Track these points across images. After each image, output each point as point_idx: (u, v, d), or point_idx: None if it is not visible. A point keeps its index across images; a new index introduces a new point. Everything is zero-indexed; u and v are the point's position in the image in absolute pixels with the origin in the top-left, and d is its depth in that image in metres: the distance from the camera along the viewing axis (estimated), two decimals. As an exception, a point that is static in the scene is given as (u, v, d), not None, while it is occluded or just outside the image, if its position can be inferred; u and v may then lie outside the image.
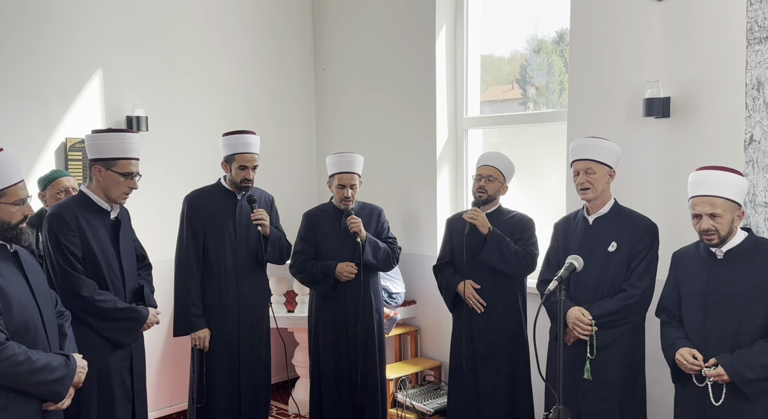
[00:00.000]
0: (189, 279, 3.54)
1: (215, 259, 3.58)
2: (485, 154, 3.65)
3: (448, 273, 3.68)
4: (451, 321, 3.75)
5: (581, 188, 3.06)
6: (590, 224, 3.10)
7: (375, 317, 3.83)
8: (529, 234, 3.55)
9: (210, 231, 3.59)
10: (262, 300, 3.74)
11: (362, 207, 3.90)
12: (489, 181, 3.54)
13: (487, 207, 3.59)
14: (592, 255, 3.03)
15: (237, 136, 3.59)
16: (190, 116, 4.87)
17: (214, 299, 3.60)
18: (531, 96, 4.72)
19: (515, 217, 3.59)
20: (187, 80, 4.86)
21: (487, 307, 3.53)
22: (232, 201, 3.66)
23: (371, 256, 3.75)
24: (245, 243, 3.64)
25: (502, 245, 3.43)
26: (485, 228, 3.45)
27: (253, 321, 3.68)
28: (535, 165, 4.49)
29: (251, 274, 3.67)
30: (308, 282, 3.85)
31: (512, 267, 3.46)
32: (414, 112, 4.87)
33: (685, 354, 2.65)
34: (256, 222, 3.58)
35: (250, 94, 5.20)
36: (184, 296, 3.54)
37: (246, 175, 3.57)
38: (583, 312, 3.00)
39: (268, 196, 3.83)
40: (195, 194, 3.67)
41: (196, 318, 3.54)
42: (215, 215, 3.60)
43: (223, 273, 3.59)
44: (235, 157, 3.56)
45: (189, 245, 3.56)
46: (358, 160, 3.80)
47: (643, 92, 3.52)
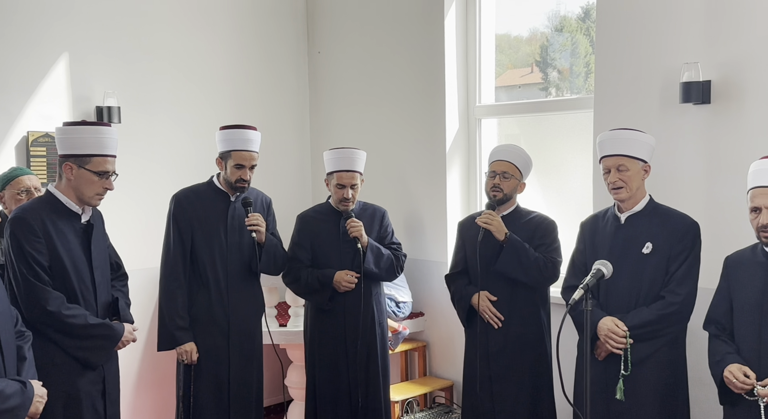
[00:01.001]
0: (175, 288, 3.55)
1: (204, 267, 3.59)
2: (498, 148, 3.64)
3: (461, 283, 3.67)
4: (464, 335, 3.75)
5: (613, 187, 3.05)
6: (622, 223, 3.10)
7: (378, 332, 3.83)
8: (551, 238, 3.53)
9: (199, 235, 3.59)
10: (254, 313, 3.74)
11: (363, 208, 3.90)
12: (504, 178, 3.52)
13: (503, 208, 3.58)
14: (624, 258, 3.03)
15: (236, 131, 3.59)
16: (168, 106, 4.88)
17: (202, 311, 3.60)
18: (553, 80, 4.72)
19: (535, 219, 3.58)
20: (164, 65, 4.86)
21: (505, 321, 3.52)
22: (224, 202, 3.66)
23: (373, 264, 3.75)
24: (237, 251, 3.64)
25: (520, 253, 3.42)
26: (501, 233, 3.44)
27: (244, 336, 3.68)
28: (558, 159, 4.49)
29: (243, 285, 3.67)
30: (303, 293, 3.85)
31: (532, 276, 3.45)
32: (420, 100, 4.88)
33: (735, 372, 2.63)
34: (251, 228, 3.59)
35: (236, 81, 5.21)
36: (170, 306, 3.55)
37: (242, 175, 3.57)
38: (616, 322, 2.99)
39: (265, 198, 3.84)
40: (183, 193, 3.67)
41: (181, 331, 3.55)
42: (205, 217, 3.61)
43: (212, 283, 3.60)
44: (232, 154, 3.57)
45: (176, 249, 3.57)
46: (360, 156, 3.80)
47: (680, 75, 3.51)
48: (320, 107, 5.56)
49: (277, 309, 4.95)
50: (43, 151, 4.33)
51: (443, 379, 4.85)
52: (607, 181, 3.07)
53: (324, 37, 5.49)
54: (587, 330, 2.61)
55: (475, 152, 4.80)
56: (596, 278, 2.70)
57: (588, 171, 4.17)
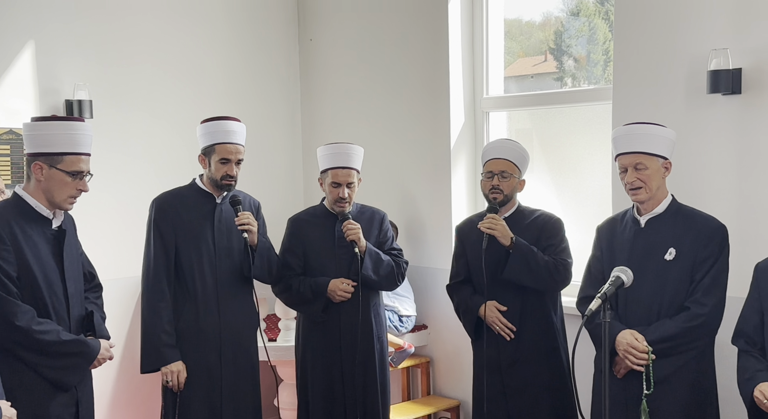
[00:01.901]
0: (158, 301, 3.54)
1: (190, 276, 3.60)
2: (491, 146, 3.66)
3: (465, 293, 3.69)
4: (470, 347, 3.77)
5: (631, 188, 3.07)
6: (642, 226, 3.11)
7: (376, 346, 3.85)
8: (558, 238, 3.56)
9: (183, 241, 3.60)
10: (248, 326, 3.75)
11: (361, 211, 3.91)
12: (503, 177, 3.55)
13: (504, 209, 3.61)
14: (645, 265, 3.04)
15: (218, 123, 3.60)
16: (145, 99, 4.89)
17: (190, 325, 3.60)
18: (568, 69, 4.74)
19: (540, 219, 3.61)
20: (141, 55, 4.88)
21: (516, 332, 3.56)
22: (209, 204, 3.67)
23: (372, 271, 3.76)
24: (227, 256, 3.65)
25: (529, 257, 3.44)
26: (507, 238, 3.46)
27: (238, 352, 3.68)
28: (574, 156, 4.51)
29: (235, 294, 3.68)
30: (294, 304, 3.87)
31: (543, 282, 3.48)
32: (422, 92, 4.89)
33: (765, 391, 2.65)
34: (242, 227, 3.59)
35: (220, 72, 5.23)
36: (153, 322, 3.54)
37: (228, 171, 3.58)
38: (636, 336, 3.00)
39: (253, 201, 3.85)
40: (164, 197, 3.68)
41: (167, 349, 3.54)
42: (189, 221, 3.62)
43: (200, 294, 3.60)
44: (216, 149, 3.58)
45: (158, 259, 3.56)
46: (357, 152, 3.81)
47: (708, 63, 3.52)
48: (312, 100, 5.56)
49: (267, 322, 4.97)
50: (6, 150, 4.35)
51: (449, 398, 4.87)
52: (624, 180, 3.08)
53: (316, 22, 5.49)
54: (606, 344, 2.62)
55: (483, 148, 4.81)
56: (615, 286, 2.71)
57: (607, 169, 4.18)
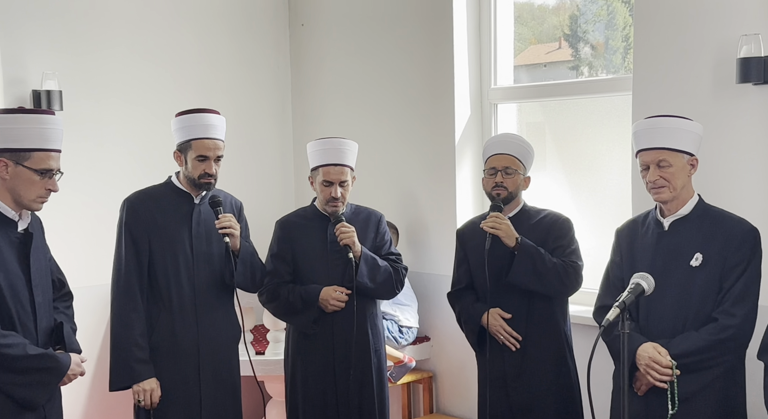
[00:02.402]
0: (130, 312, 3.52)
1: (165, 284, 3.58)
2: (494, 140, 3.68)
3: (468, 301, 3.69)
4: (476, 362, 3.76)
5: (653, 187, 3.06)
6: (666, 229, 3.10)
7: (373, 360, 3.84)
8: (567, 239, 3.57)
9: (158, 245, 3.58)
10: (229, 338, 3.74)
11: (356, 212, 3.90)
12: (506, 174, 3.57)
13: (508, 209, 3.62)
14: (669, 272, 3.03)
15: (194, 116, 3.58)
16: (120, 90, 4.88)
17: (165, 338, 3.58)
18: (585, 57, 4.73)
19: (547, 218, 3.62)
20: (116, 41, 4.87)
21: (522, 341, 3.56)
22: (187, 205, 3.65)
23: (368, 278, 3.75)
24: (206, 262, 3.64)
25: (535, 259, 3.45)
26: (512, 238, 3.46)
27: (218, 367, 3.67)
28: (591, 151, 4.50)
29: (215, 303, 3.66)
30: (283, 314, 3.86)
31: (552, 286, 3.49)
32: (424, 82, 4.88)
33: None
34: (223, 231, 3.57)
35: (203, 60, 5.21)
36: (124, 334, 3.51)
37: (207, 168, 3.56)
38: (659, 349, 2.98)
39: (235, 201, 3.83)
40: (136, 196, 3.66)
41: (140, 365, 3.51)
42: (164, 224, 3.60)
43: (176, 303, 3.58)
44: (192, 145, 3.56)
45: (129, 265, 3.54)
46: (351, 147, 3.80)
47: (738, 50, 3.51)
48: (304, 91, 5.55)
49: (254, 333, 4.96)
50: (-31, 145, 4.33)
51: (454, 417, 4.86)
52: (646, 179, 3.07)
53: (308, 6, 5.48)
54: (625, 358, 2.60)
55: (491, 144, 4.81)
56: (635, 294, 2.70)
57: (626, 166, 4.17)
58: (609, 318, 2.62)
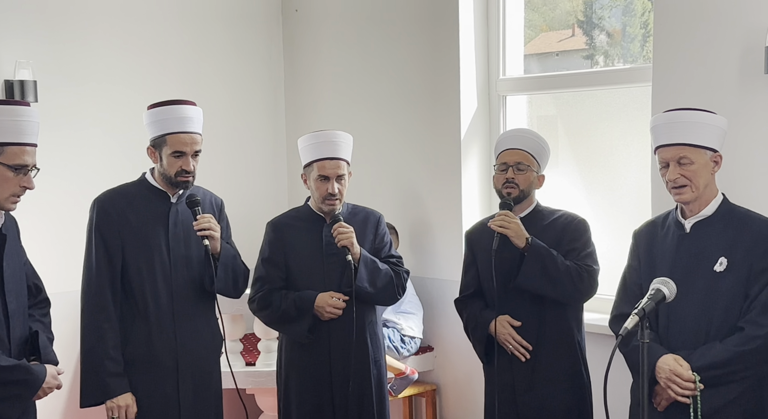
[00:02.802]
0: (102, 322, 3.51)
1: (140, 291, 3.57)
2: (507, 135, 3.71)
3: (476, 308, 3.69)
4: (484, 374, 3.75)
5: (674, 186, 3.04)
6: (687, 231, 3.09)
7: (373, 372, 3.83)
8: (583, 241, 3.57)
9: (131, 249, 3.57)
10: (210, 348, 3.73)
11: (353, 212, 3.90)
12: (518, 170, 3.58)
13: (520, 208, 3.63)
14: (691, 278, 3.02)
15: (168, 109, 3.58)
16: (100, 81, 4.87)
17: (141, 350, 3.57)
18: (600, 46, 4.72)
19: (561, 219, 3.62)
20: (96, 28, 4.85)
21: (533, 351, 3.56)
22: (163, 205, 3.64)
23: (367, 282, 3.74)
24: (185, 266, 3.63)
25: (547, 261, 3.45)
26: (521, 238, 3.47)
27: (198, 380, 3.66)
28: (607, 147, 4.49)
29: (194, 311, 3.66)
30: (275, 323, 3.85)
31: (564, 290, 3.49)
32: (427, 72, 4.87)
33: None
34: (202, 233, 3.57)
35: (189, 48, 5.21)
36: (96, 346, 3.50)
37: (184, 165, 3.55)
38: (680, 362, 2.97)
39: (215, 198, 3.83)
40: (108, 196, 3.64)
41: (113, 379, 3.50)
42: (139, 226, 3.58)
43: (153, 312, 3.57)
44: (167, 140, 3.55)
45: (101, 271, 3.53)
46: (346, 140, 3.81)
47: (766, 38, 3.50)
48: (298, 82, 5.55)
49: (244, 343, 4.96)
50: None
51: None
52: (666, 177, 3.06)
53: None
54: (645, 370, 2.59)
55: (499, 138, 4.80)
56: (655, 301, 2.69)
57: (645, 163, 4.17)
58: (627, 327, 2.62)
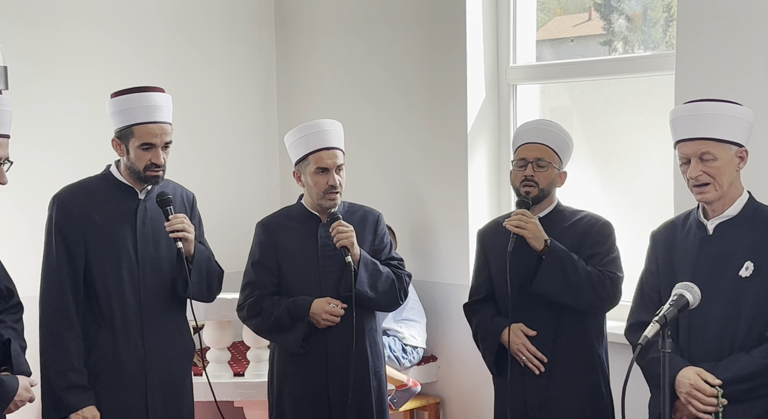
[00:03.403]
0: (63, 330, 3.48)
1: (105, 296, 3.55)
2: (527, 128, 3.69)
3: (486, 314, 3.69)
4: (492, 385, 3.76)
5: (696, 184, 3.04)
6: (710, 233, 3.10)
7: (373, 384, 3.84)
8: (607, 246, 3.56)
9: (96, 250, 3.54)
10: (182, 358, 3.73)
11: (350, 210, 3.90)
12: (539, 167, 3.56)
13: (539, 207, 3.61)
14: (714, 283, 3.01)
15: (134, 97, 3.54)
16: (75, 65, 4.88)
17: (106, 360, 3.55)
18: (619, 31, 4.71)
19: (584, 221, 3.62)
20: (70, 9, 4.86)
21: (549, 364, 3.55)
22: (130, 202, 3.62)
23: (368, 286, 3.74)
24: (154, 269, 3.62)
25: (566, 265, 3.45)
26: (539, 240, 3.47)
27: (168, 392, 3.65)
28: (626, 141, 4.50)
29: (165, 318, 3.65)
30: (267, 332, 3.86)
31: (584, 298, 3.48)
32: (430, 60, 4.87)
33: None
34: (175, 235, 3.56)
35: (171, 32, 5.21)
36: (57, 356, 3.47)
37: (153, 158, 3.52)
38: (702, 375, 2.98)
39: (186, 193, 3.81)
40: (69, 192, 3.61)
41: (76, 392, 3.48)
42: (104, 225, 3.56)
43: (119, 318, 3.56)
44: (135, 131, 3.51)
45: (61, 274, 3.51)
46: (337, 128, 3.81)
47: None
48: (291, 69, 5.56)
49: (232, 351, 4.95)
50: None
51: (464, 450, 4.88)
52: (687, 175, 3.06)
53: (297, -32, 5.50)
54: (666, 383, 2.60)
55: (508, 132, 4.80)
56: (678, 308, 2.69)
57: (668, 158, 4.16)
58: (647, 336, 2.61)
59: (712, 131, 3.02)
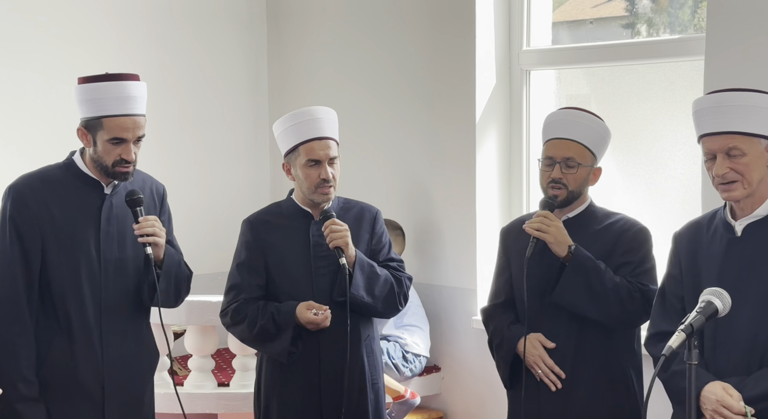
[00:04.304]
0: (15, 336, 3.47)
1: (61, 299, 3.53)
2: (555, 118, 3.65)
3: (503, 320, 3.68)
4: (504, 401, 3.75)
5: (722, 182, 3.02)
6: (738, 235, 3.08)
7: (370, 397, 3.84)
8: (640, 255, 3.55)
9: (54, 249, 3.53)
10: (143, 368, 3.72)
11: (346, 207, 3.90)
12: (568, 167, 3.53)
13: (568, 207, 3.61)
14: (742, 289, 2.98)
15: (106, 86, 3.50)
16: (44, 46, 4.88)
17: (60, 370, 3.54)
18: (642, 13, 4.71)
19: (618, 225, 3.60)
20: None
21: (567, 381, 3.54)
22: (94, 195, 3.60)
23: (364, 290, 3.74)
24: (117, 272, 3.60)
25: (591, 275, 3.43)
26: (563, 246, 3.46)
27: (127, 408, 3.65)
28: (650, 133, 4.50)
29: (126, 326, 3.63)
30: (252, 340, 3.85)
31: (608, 311, 3.46)
32: (437, 43, 4.87)
33: None
34: (144, 239, 3.54)
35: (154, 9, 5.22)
36: (6, 366, 3.46)
37: (124, 154, 3.49)
38: (729, 390, 2.95)
39: (156, 186, 3.80)
40: (26, 183, 3.57)
41: (26, 404, 3.47)
42: (64, 221, 3.54)
43: (76, 325, 3.54)
44: (104, 123, 3.48)
45: (14, 274, 3.49)
46: (330, 116, 3.81)
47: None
48: (284, 53, 5.57)
49: (216, 359, 4.96)
50: None
51: (470, 470, 4.89)
52: (713, 172, 3.04)
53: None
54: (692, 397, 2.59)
55: (521, 121, 4.81)
56: (705, 315, 2.68)
57: (695, 152, 4.12)
58: (672, 346, 2.61)
59: (740, 124, 3.00)
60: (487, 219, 4.77)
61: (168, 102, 4.03)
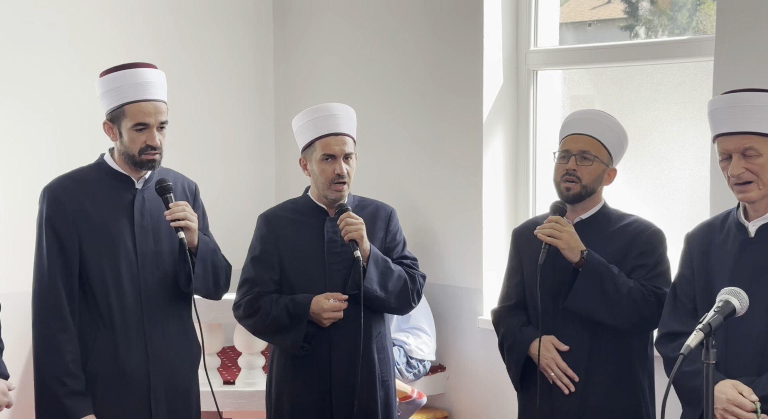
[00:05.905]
0: (57, 333, 3.49)
1: (103, 294, 3.57)
2: (575, 116, 3.66)
3: (514, 323, 3.70)
4: (509, 401, 3.82)
5: (737, 182, 3.05)
6: (752, 236, 3.10)
7: (380, 394, 3.86)
8: (655, 258, 3.56)
9: (92, 245, 3.57)
10: (188, 361, 3.77)
11: (361, 205, 3.93)
12: (583, 159, 3.54)
13: (582, 207, 3.62)
14: (755, 290, 2.95)
15: (124, 74, 3.57)
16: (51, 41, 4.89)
17: (106, 364, 3.57)
18: (642, 14, 4.72)
19: (632, 227, 3.61)
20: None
21: (581, 384, 3.55)
22: (126, 191, 3.65)
23: (378, 284, 3.76)
24: (155, 264, 3.64)
25: (605, 280, 3.43)
26: (575, 251, 3.46)
27: (174, 399, 3.69)
28: (657, 134, 4.52)
29: (168, 317, 3.68)
30: (265, 333, 3.88)
31: (622, 316, 3.46)
32: (444, 42, 4.90)
33: None
34: (177, 224, 3.57)
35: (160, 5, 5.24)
36: (51, 361, 3.50)
37: (149, 140, 3.54)
38: (740, 389, 2.99)
39: (188, 183, 3.85)
40: (60, 184, 3.63)
41: (73, 399, 3.49)
42: (99, 218, 3.59)
43: (118, 319, 3.58)
44: (126, 111, 3.54)
45: (54, 272, 3.53)
46: (348, 113, 3.84)
47: None
48: (290, 51, 5.59)
49: (222, 357, 5.00)
50: None
51: (474, 469, 4.93)
52: (728, 172, 3.06)
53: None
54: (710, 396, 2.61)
55: (527, 122, 4.84)
56: (723, 315, 2.68)
57: (704, 153, 4.19)
58: (690, 345, 2.60)
59: (756, 124, 3.01)
60: (493, 218, 4.81)
61: (173, 99, 3.99)
